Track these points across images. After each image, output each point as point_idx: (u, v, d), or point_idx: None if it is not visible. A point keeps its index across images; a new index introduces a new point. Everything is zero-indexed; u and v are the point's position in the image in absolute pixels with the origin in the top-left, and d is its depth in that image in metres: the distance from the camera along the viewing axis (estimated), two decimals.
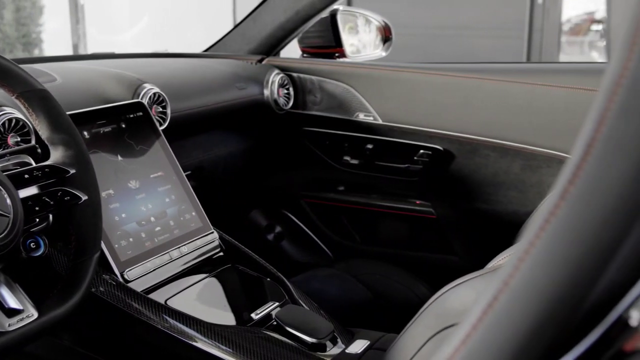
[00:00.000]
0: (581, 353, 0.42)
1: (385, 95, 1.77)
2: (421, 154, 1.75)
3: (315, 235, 2.01)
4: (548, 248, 0.41)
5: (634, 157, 0.40)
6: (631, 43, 0.42)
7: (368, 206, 1.91)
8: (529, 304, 0.40)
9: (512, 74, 1.65)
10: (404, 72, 1.76)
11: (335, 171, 1.90)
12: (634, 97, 0.41)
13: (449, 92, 1.70)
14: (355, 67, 1.85)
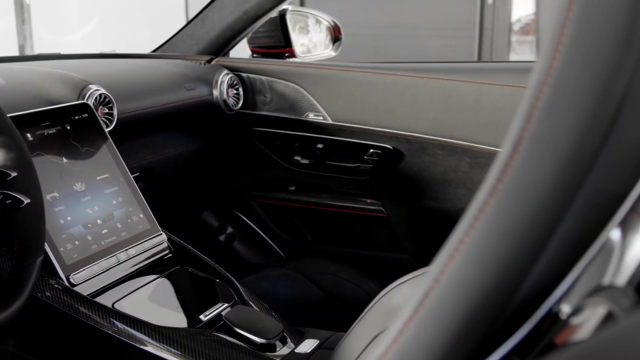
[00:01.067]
0: (512, 347, 0.43)
1: (335, 95, 1.78)
2: (371, 153, 1.76)
3: (266, 236, 2.01)
4: (477, 245, 0.42)
5: (559, 154, 0.41)
6: (556, 42, 0.43)
7: (319, 206, 1.92)
8: (458, 301, 0.41)
9: (459, 73, 1.67)
10: (352, 72, 1.77)
11: (285, 171, 1.90)
12: (560, 96, 0.42)
13: (397, 92, 1.71)
14: (304, 67, 1.85)
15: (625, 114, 0.43)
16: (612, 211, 0.45)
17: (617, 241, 0.50)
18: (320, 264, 1.84)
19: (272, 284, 1.70)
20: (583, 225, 0.44)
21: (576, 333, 0.43)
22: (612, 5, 0.42)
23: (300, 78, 1.82)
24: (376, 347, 0.43)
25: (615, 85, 0.42)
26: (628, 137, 0.44)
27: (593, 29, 0.42)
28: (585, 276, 0.47)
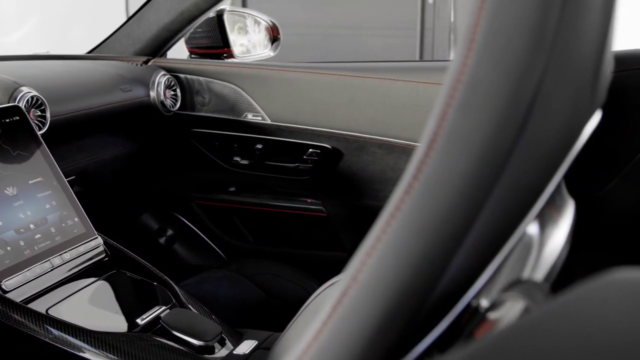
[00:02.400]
0: (432, 342, 0.44)
1: (273, 95, 1.78)
2: (310, 153, 1.77)
3: (207, 237, 2.00)
4: (393, 243, 0.42)
5: (473, 152, 0.42)
6: (470, 41, 0.44)
7: (259, 206, 1.91)
8: (376, 299, 0.41)
9: (396, 72, 1.69)
10: (291, 72, 1.77)
11: (225, 172, 1.89)
12: (473, 94, 0.43)
13: (335, 91, 1.72)
14: (242, 67, 1.85)
15: (537, 111, 0.44)
16: (529, 206, 0.46)
17: (534, 235, 0.51)
18: (261, 265, 1.84)
19: (213, 285, 1.69)
20: (500, 220, 0.44)
21: (494, 327, 0.44)
22: (522, 5, 0.43)
23: (238, 78, 1.81)
24: (296, 347, 0.43)
25: (527, 83, 0.43)
26: (542, 133, 0.45)
27: (505, 29, 0.43)
28: (503, 270, 0.48)
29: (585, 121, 0.51)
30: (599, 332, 0.34)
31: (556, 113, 0.45)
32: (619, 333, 0.33)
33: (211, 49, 1.95)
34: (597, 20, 0.47)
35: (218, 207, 1.96)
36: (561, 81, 0.45)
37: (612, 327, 0.34)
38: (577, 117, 0.48)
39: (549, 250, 0.52)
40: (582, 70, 0.47)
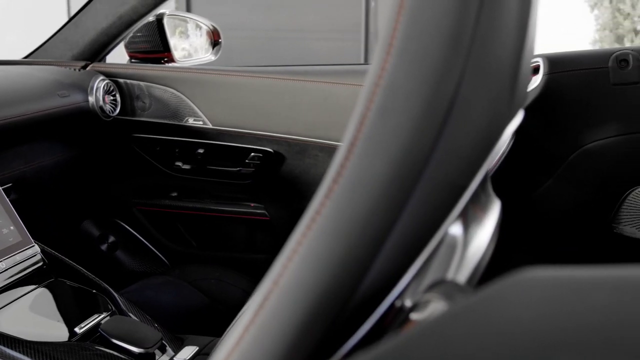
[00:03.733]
0: (356, 343, 0.44)
1: (214, 100, 1.77)
2: (252, 157, 1.77)
3: (150, 243, 1.98)
4: (314, 246, 0.42)
5: (392, 155, 0.43)
6: (388, 45, 0.44)
7: (203, 211, 1.90)
8: (297, 302, 0.41)
9: (337, 75, 1.70)
10: (231, 76, 1.77)
11: (167, 177, 1.88)
12: (392, 98, 0.43)
13: (276, 95, 1.72)
14: (183, 71, 1.84)
15: (456, 114, 0.45)
16: (450, 207, 0.47)
17: (458, 235, 0.52)
18: (205, 270, 1.83)
19: (155, 292, 1.68)
20: (421, 222, 0.45)
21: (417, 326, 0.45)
22: (439, 9, 0.44)
23: (179, 83, 1.80)
24: (219, 353, 0.43)
25: (445, 87, 0.44)
26: (461, 136, 0.46)
27: (422, 34, 0.44)
28: (427, 271, 0.49)
29: (505, 123, 0.52)
30: (506, 330, 0.35)
31: (475, 116, 0.46)
32: (525, 332, 0.34)
33: (151, 53, 1.94)
34: (513, 24, 0.48)
35: (160, 212, 1.94)
36: (479, 84, 0.46)
37: (518, 326, 0.35)
38: (497, 119, 0.50)
39: (473, 250, 0.53)
40: (500, 73, 0.48)
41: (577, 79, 1.64)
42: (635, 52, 1.62)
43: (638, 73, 1.60)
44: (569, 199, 1.71)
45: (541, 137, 1.68)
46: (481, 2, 0.44)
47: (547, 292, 0.37)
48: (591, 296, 0.36)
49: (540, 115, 1.66)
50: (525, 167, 1.70)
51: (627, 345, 0.32)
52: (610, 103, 1.63)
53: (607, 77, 1.61)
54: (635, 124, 1.63)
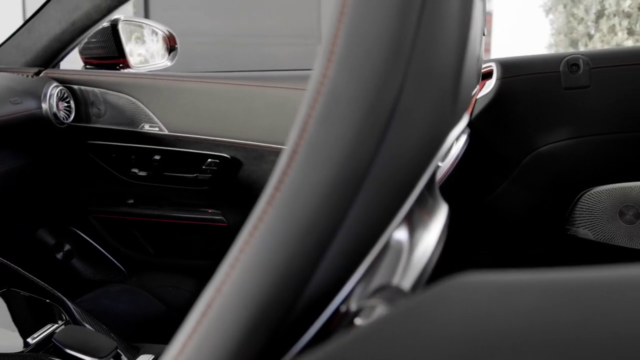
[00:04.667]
0: (301, 348, 0.44)
1: (170, 106, 1.76)
2: (209, 163, 1.76)
3: (106, 251, 1.96)
4: (256, 254, 0.42)
5: (334, 161, 0.43)
6: (329, 52, 0.44)
7: (160, 218, 1.89)
8: (240, 310, 0.41)
9: (293, 80, 1.70)
10: (187, 82, 1.76)
11: (123, 184, 1.86)
12: (333, 104, 0.44)
13: (232, 100, 1.72)
14: (138, 78, 1.82)
15: (398, 120, 0.45)
16: (393, 211, 0.48)
17: (404, 240, 0.52)
18: (162, 277, 1.82)
19: (112, 300, 1.66)
20: (365, 227, 0.45)
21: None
22: (380, 17, 0.44)
23: (134, 89, 1.78)
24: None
25: (386, 93, 0.44)
26: (404, 141, 0.46)
27: (363, 40, 0.44)
28: (371, 276, 0.49)
29: (449, 127, 0.52)
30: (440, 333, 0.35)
31: (417, 121, 0.47)
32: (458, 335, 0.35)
33: (106, 59, 1.92)
34: (454, 31, 0.49)
35: (117, 220, 1.92)
36: (421, 90, 0.46)
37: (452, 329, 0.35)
38: (440, 124, 0.50)
39: (419, 254, 0.53)
40: (442, 78, 0.49)
41: (530, 83, 1.66)
42: (585, 57, 1.65)
43: (588, 77, 1.63)
44: (523, 201, 1.73)
45: (495, 141, 1.70)
46: (422, 9, 0.45)
47: (480, 296, 0.38)
48: (520, 300, 0.36)
49: (494, 119, 1.68)
50: (480, 170, 1.72)
51: (554, 347, 0.32)
52: (562, 107, 1.66)
53: (559, 81, 1.64)
54: (586, 127, 1.66)
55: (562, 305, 0.35)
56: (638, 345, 0.32)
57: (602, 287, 0.37)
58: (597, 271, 0.39)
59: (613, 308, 0.35)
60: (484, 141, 1.69)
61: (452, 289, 0.38)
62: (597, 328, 0.33)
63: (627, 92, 1.65)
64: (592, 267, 0.40)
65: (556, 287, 0.38)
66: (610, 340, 0.32)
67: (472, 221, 1.76)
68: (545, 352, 0.32)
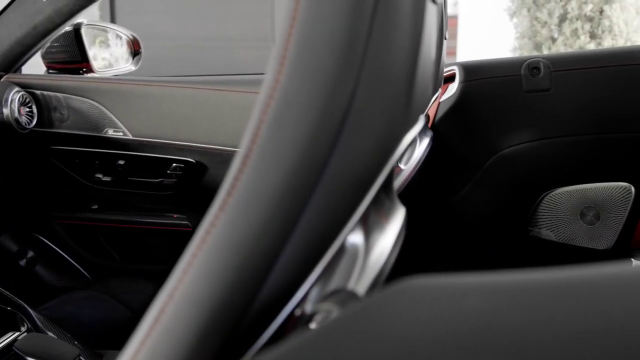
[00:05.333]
0: (256, 352, 0.45)
1: (134, 110, 1.75)
2: (174, 168, 1.75)
3: (70, 258, 1.94)
4: (209, 259, 0.43)
5: (286, 166, 0.43)
6: (282, 57, 0.45)
7: (124, 223, 1.87)
8: (192, 315, 0.41)
9: (257, 84, 1.70)
10: (151, 86, 1.75)
11: (87, 190, 1.85)
12: (286, 110, 0.44)
13: (197, 105, 1.71)
14: (102, 82, 1.81)
15: (351, 124, 0.45)
16: (347, 216, 0.48)
17: (359, 243, 0.53)
18: (127, 283, 1.80)
19: (76, 307, 1.64)
20: (318, 231, 0.46)
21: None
22: (332, 22, 0.45)
23: (97, 94, 1.77)
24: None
25: (339, 98, 0.44)
26: (357, 145, 0.46)
27: (315, 46, 0.44)
28: (327, 280, 0.49)
29: (403, 131, 0.53)
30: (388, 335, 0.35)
31: (371, 125, 0.47)
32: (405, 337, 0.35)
33: (69, 63, 1.90)
34: (407, 35, 0.49)
35: (81, 225, 1.91)
36: (374, 94, 0.47)
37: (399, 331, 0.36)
38: (394, 127, 0.51)
39: (374, 257, 0.54)
40: (395, 83, 0.49)
41: (492, 86, 1.68)
42: (545, 60, 1.67)
43: (549, 80, 1.65)
44: (487, 203, 1.75)
45: (458, 144, 1.72)
46: (373, 15, 0.45)
47: (428, 298, 0.38)
48: (466, 302, 0.37)
49: (456, 122, 1.70)
50: (443, 173, 1.73)
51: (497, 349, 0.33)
52: (524, 109, 1.68)
53: (520, 85, 1.66)
54: (547, 129, 1.68)
55: (507, 308, 0.36)
56: (581, 345, 0.33)
57: (549, 289, 0.38)
58: (546, 273, 0.40)
59: (559, 309, 0.36)
60: (447, 144, 1.71)
61: (401, 292, 0.39)
62: (542, 330, 0.34)
63: (586, 94, 1.67)
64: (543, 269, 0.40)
65: (503, 290, 0.38)
66: (554, 341, 0.33)
67: (435, 224, 1.77)
68: (488, 354, 0.33)
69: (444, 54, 1.33)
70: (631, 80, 1.66)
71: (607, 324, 0.34)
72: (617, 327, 0.34)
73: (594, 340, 0.33)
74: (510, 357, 0.32)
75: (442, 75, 1.41)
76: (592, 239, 1.70)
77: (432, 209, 1.75)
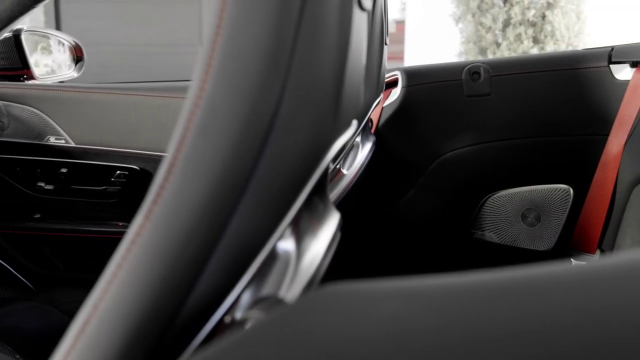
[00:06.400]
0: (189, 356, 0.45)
1: (76, 118, 1.73)
2: (118, 175, 1.73)
3: (12, 268, 1.90)
4: (134, 269, 0.42)
5: (212, 174, 0.43)
6: (207, 65, 0.45)
7: (68, 232, 1.85)
8: (117, 326, 0.41)
9: None
10: (93, 94, 1.73)
11: (29, 198, 1.81)
12: (211, 117, 0.44)
13: (140, 112, 1.70)
14: (43, 89, 1.78)
15: (277, 131, 0.46)
16: (276, 222, 0.48)
17: (290, 249, 0.53)
18: (72, 293, 1.77)
19: (18, 318, 1.61)
20: (246, 238, 0.46)
21: None
22: (257, 30, 0.45)
23: (38, 101, 1.74)
24: None
25: (264, 105, 0.45)
26: (284, 152, 0.47)
27: (240, 54, 0.44)
28: (258, 286, 0.50)
29: (333, 137, 0.53)
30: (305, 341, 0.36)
31: (298, 132, 0.48)
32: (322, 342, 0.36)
33: (9, 70, 1.87)
34: (333, 43, 0.50)
35: (23, 235, 1.87)
36: (301, 101, 0.47)
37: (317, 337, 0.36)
38: (322, 134, 0.51)
39: (307, 262, 0.54)
40: (323, 90, 0.50)
41: (434, 91, 1.71)
42: (486, 65, 1.71)
43: (489, 85, 1.68)
44: (431, 207, 1.77)
45: (401, 148, 1.74)
46: (299, 22, 0.46)
47: (345, 304, 0.39)
48: (382, 307, 0.37)
49: (399, 126, 1.72)
50: (387, 177, 1.75)
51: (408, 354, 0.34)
52: (465, 114, 1.71)
53: (462, 89, 1.69)
54: (489, 133, 1.71)
55: (422, 312, 0.37)
56: (491, 349, 0.33)
57: (468, 292, 0.39)
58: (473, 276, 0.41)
59: (472, 312, 0.36)
60: (391, 149, 1.72)
61: (321, 298, 0.39)
62: (452, 333, 0.34)
63: (526, 98, 1.71)
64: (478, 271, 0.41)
65: (421, 294, 0.39)
66: (462, 346, 0.34)
67: (380, 228, 1.79)
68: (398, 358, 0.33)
69: (385, 59, 1.34)
70: (569, 84, 1.70)
71: (521, 326, 0.35)
72: (533, 328, 0.35)
73: (504, 343, 0.33)
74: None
75: (384, 81, 1.42)
76: (533, 240, 1.73)
77: (377, 213, 1.77)
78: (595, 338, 0.33)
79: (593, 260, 0.42)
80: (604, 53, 1.72)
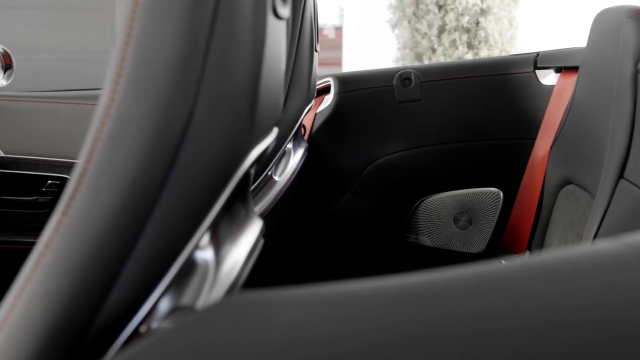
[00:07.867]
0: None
1: (5, 127, 1.70)
2: (50, 185, 1.71)
3: None
4: (43, 282, 0.42)
5: (122, 184, 0.43)
6: (117, 74, 0.45)
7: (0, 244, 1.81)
8: (26, 340, 0.40)
9: None
10: (23, 102, 1.70)
11: None
12: (122, 127, 0.44)
13: (72, 120, 1.68)
14: None
15: (190, 141, 0.45)
16: (191, 231, 0.48)
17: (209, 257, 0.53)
18: None
19: None
20: (159, 248, 0.45)
21: None
22: (168, 39, 0.45)
23: None
24: None
25: (176, 115, 0.45)
26: (197, 162, 0.47)
27: (151, 63, 0.44)
28: (176, 295, 0.50)
29: (249, 146, 0.53)
30: (202, 351, 0.36)
31: (212, 141, 0.48)
32: (219, 351, 0.36)
33: None
34: (247, 51, 0.50)
35: None
36: (214, 110, 0.47)
37: (213, 346, 0.36)
38: (238, 143, 0.51)
39: (226, 269, 0.54)
40: (237, 98, 0.50)
41: (366, 97, 1.73)
42: (416, 71, 1.73)
43: (420, 91, 1.71)
44: (365, 212, 1.79)
45: (335, 154, 1.75)
46: (211, 30, 0.46)
47: (249, 312, 0.39)
48: (284, 315, 0.38)
49: (333, 132, 1.73)
50: (321, 183, 1.77)
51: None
52: (397, 119, 1.73)
53: (393, 95, 1.71)
54: (420, 138, 1.74)
55: (321, 319, 0.37)
56: (386, 356, 0.34)
57: (366, 299, 0.39)
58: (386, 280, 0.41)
59: (371, 319, 0.37)
60: (325, 155, 1.74)
61: (225, 306, 0.40)
62: (350, 341, 0.35)
63: (455, 104, 1.74)
64: (380, 278, 0.42)
65: (322, 301, 0.39)
66: (359, 353, 0.34)
67: (315, 233, 1.80)
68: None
69: (316, 66, 1.35)
70: (497, 90, 1.74)
71: (416, 331, 0.35)
72: (426, 333, 0.35)
73: (399, 349, 0.34)
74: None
75: (315, 87, 1.44)
76: (465, 242, 1.77)
77: (311, 219, 1.78)
78: (488, 340, 0.34)
79: (507, 261, 0.43)
80: (530, 59, 1.76)
